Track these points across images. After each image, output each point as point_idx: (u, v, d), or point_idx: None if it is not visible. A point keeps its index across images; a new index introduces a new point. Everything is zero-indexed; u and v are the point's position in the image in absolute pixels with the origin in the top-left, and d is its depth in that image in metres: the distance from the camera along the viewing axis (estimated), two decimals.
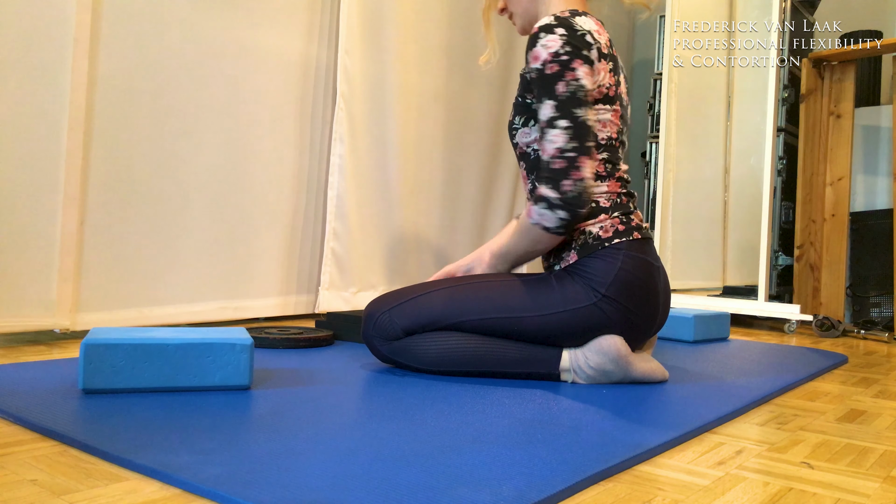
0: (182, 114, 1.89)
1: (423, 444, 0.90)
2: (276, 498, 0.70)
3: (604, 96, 1.37)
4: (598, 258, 1.33)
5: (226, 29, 1.98)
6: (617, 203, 1.38)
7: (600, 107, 1.37)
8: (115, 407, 1.03)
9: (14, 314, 1.58)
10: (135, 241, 1.80)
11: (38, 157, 1.61)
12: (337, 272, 2.28)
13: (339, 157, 2.26)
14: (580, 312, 1.32)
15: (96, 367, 1.09)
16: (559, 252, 1.39)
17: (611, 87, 1.38)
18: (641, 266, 1.35)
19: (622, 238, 1.35)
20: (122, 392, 1.11)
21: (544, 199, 1.30)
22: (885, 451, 1.01)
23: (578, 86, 1.30)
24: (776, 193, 2.70)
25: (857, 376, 1.64)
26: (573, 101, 1.30)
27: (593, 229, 1.36)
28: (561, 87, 1.30)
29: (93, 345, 1.09)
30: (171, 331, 1.21)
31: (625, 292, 1.32)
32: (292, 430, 0.94)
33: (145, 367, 1.11)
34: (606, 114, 1.38)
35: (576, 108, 1.30)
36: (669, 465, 0.91)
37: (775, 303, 2.59)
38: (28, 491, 0.73)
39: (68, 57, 1.64)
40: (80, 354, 1.08)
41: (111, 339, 1.10)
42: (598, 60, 1.35)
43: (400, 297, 1.40)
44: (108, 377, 1.09)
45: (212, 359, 1.14)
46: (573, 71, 1.30)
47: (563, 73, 1.30)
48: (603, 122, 1.38)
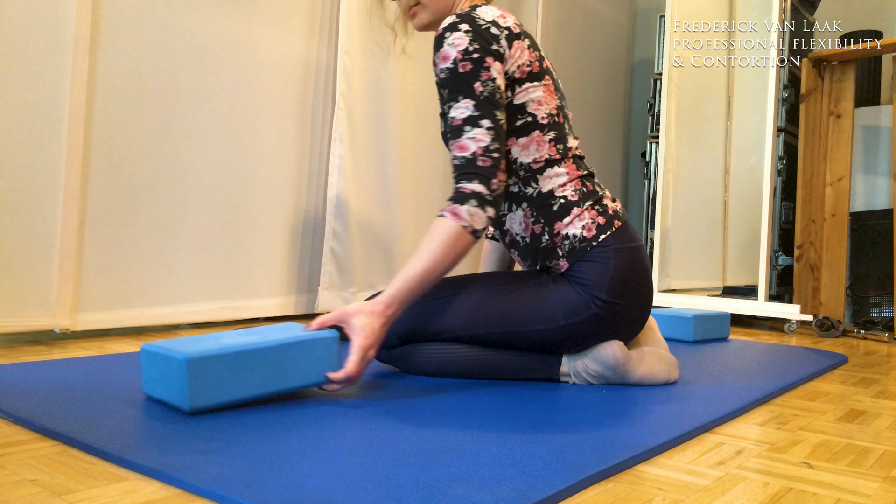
0: (182, 114, 1.89)
1: (423, 444, 0.90)
2: (276, 498, 0.70)
3: (528, 74, 1.32)
4: (590, 261, 1.30)
5: (225, 29, 1.98)
6: (584, 192, 1.34)
7: (528, 85, 1.32)
8: (114, 407, 1.03)
9: (14, 314, 1.58)
10: (135, 241, 1.80)
11: (38, 157, 1.61)
12: (336, 272, 2.28)
13: (338, 157, 2.26)
14: (581, 324, 1.30)
15: (203, 384, 0.99)
16: (548, 261, 1.34)
17: (532, 63, 1.33)
18: (633, 258, 1.32)
19: (606, 232, 1.31)
20: (229, 407, 1.03)
21: (476, 195, 1.20)
22: (885, 451, 1.01)
23: (495, 87, 1.26)
24: (776, 193, 2.70)
25: (857, 376, 1.64)
26: (491, 102, 1.25)
27: (575, 231, 1.31)
28: (478, 87, 1.25)
29: (197, 359, 0.98)
30: (236, 334, 1.12)
31: (623, 292, 1.30)
32: (292, 430, 0.94)
33: (249, 376, 1.03)
34: (537, 90, 1.33)
35: (495, 111, 1.25)
36: (669, 465, 0.91)
37: (775, 303, 2.59)
38: (28, 491, 0.72)
39: (68, 57, 1.64)
40: (178, 372, 0.98)
41: (210, 350, 1.00)
42: (510, 46, 1.30)
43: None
44: (216, 392, 1.00)
45: (306, 357, 1.09)
46: (487, 70, 1.26)
47: (477, 71, 1.25)
48: (538, 99, 1.33)
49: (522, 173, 1.34)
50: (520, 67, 1.31)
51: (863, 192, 2.82)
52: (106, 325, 1.75)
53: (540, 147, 1.33)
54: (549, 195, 1.33)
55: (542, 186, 1.33)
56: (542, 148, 1.34)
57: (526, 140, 1.33)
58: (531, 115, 1.33)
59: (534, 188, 1.34)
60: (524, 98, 1.32)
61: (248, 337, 1.08)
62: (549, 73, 1.37)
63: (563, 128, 1.37)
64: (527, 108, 1.33)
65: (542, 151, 1.34)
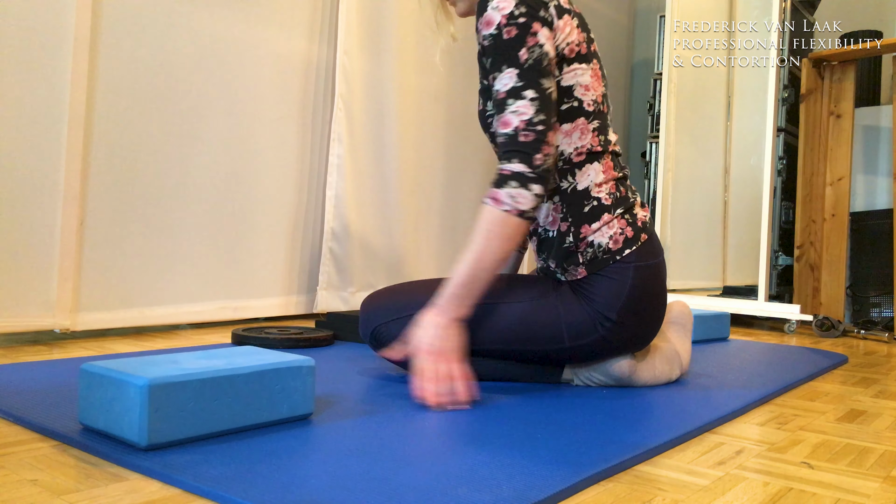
0: (182, 114, 1.89)
1: (423, 444, 0.90)
2: (276, 498, 0.70)
3: (576, 55, 1.23)
4: (608, 277, 1.23)
5: (225, 29, 1.98)
6: (618, 197, 1.27)
7: (576, 66, 1.23)
8: None
9: (14, 314, 1.58)
10: (135, 241, 1.80)
11: (38, 157, 1.61)
12: (335, 272, 2.28)
13: (337, 157, 2.26)
14: (586, 345, 1.26)
15: (164, 415, 0.83)
16: (566, 263, 1.27)
17: (581, 43, 1.24)
18: (651, 275, 1.26)
19: (632, 247, 1.25)
20: (188, 443, 0.87)
21: (516, 175, 1.13)
22: (885, 451, 1.01)
23: (542, 52, 1.17)
24: (776, 193, 2.70)
25: (857, 376, 1.64)
26: (537, 70, 1.16)
27: (602, 240, 1.24)
28: (523, 54, 1.16)
29: (159, 386, 0.83)
30: (194, 356, 0.97)
31: (635, 311, 1.24)
32: (292, 431, 0.94)
33: (216, 407, 0.89)
34: (585, 74, 1.24)
35: (541, 79, 1.16)
36: (669, 465, 0.91)
37: (775, 303, 2.59)
38: (28, 491, 0.72)
39: (68, 57, 1.64)
40: (134, 401, 0.82)
41: (172, 376, 0.85)
42: (560, 17, 1.21)
43: (399, 307, 1.29)
44: (177, 425, 0.85)
45: (280, 387, 0.95)
46: (534, 35, 1.16)
47: (523, 37, 1.16)
48: (585, 84, 1.24)
49: (561, 164, 1.26)
50: (569, 45, 1.22)
51: (863, 192, 2.82)
52: (106, 325, 1.75)
53: (583, 135, 1.26)
54: (584, 194, 1.26)
55: (578, 182, 1.26)
56: (586, 136, 1.26)
57: (570, 126, 1.25)
58: (577, 100, 1.25)
59: (569, 183, 1.26)
60: (572, 80, 1.24)
61: (210, 361, 0.94)
62: (596, 58, 1.28)
63: (606, 118, 1.30)
64: (573, 91, 1.24)
65: (584, 140, 1.26)
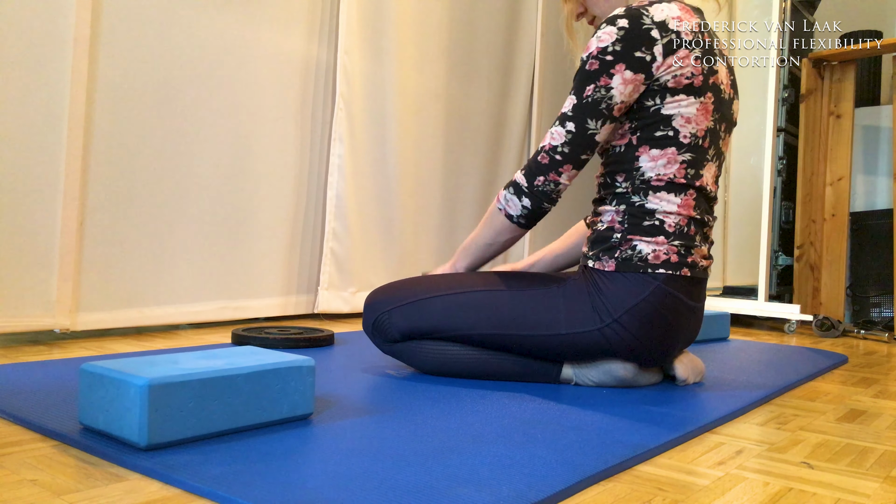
0: (182, 114, 1.89)
1: (423, 444, 0.90)
2: (276, 498, 0.70)
3: (685, 87, 1.23)
4: (629, 280, 1.24)
5: (225, 29, 1.98)
6: (682, 231, 1.26)
7: (682, 98, 1.23)
8: None
9: (14, 314, 1.58)
10: (135, 241, 1.80)
11: (38, 157, 1.61)
12: (336, 272, 2.28)
13: (338, 157, 2.26)
14: (582, 336, 1.27)
15: (164, 415, 0.84)
16: (602, 251, 1.27)
17: (696, 76, 1.23)
18: (671, 304, 1.25)
19: (668, 270, 1.24)
20: (188, 443, 0.87)
21: (515, 184, 1.29)
22: (885, 451, 1.01)
23: (606, 95, 1.22)
24: (776, 193, 2.70)
25: (857, 376, 1.64)
26: (591, 109, 1.22)
27: (646, 248, 1.24)
28: (589, 90, 1.23)
29: (159, 385, 0.83)
30: (194, 356, 0.98)
31: (639, 324, 1.24)
32: (292, 431, 0.94)
33: (216, 407, 0.89)
34: (691, 107, 1.24)
35: (590, 118, 1.23)
36: (669, 465, 0.91)
37: (775, 303, 2.59)
38: (28, 491, 0.72)
39: (68, 57, 1.64)
40: (134, 401, 0.82)
41: (173, 376, 0.85)
42: (673, 51, 1.22)
43: (401, 295, 1.35)
44: (178, 425, 0.85)
45: (280, 386, 0.96)
46: (609, 77, 1.21)
47: (599, 75, 1.22)
48: (688, 116, 1.24)
49: (638, 183, 1.27)
50: (676, 78, 1.23)
51: (863, 192, 2.82)
52: (106, 325, 1.75)
53: (669, 164, 1.25)
54: (650, 213, 1.26)
55: (647, 202, 1.26)
56: (671, 167, 1.25)
57: (659, 153, 1.25)
58: (674, 130, 1.25)
59: (640, 199, 1.27)
60: (674, 110, 1.24)
61: (210, 361, 0.94)
62: (713, 90, 1.27)
63: (706, 154, 1.28)
64: (672, 121, 1.24)
65: (669, 169, 1.25)
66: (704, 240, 1.31)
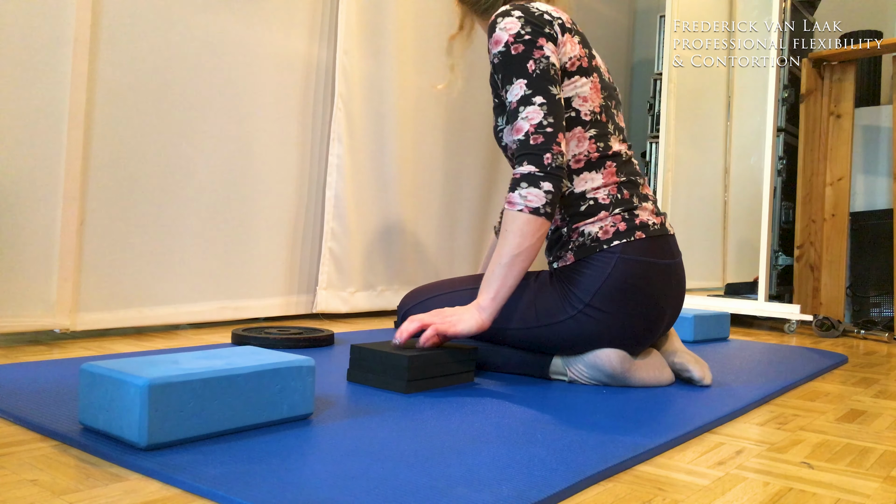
0: (182, 114, 1.89)
1: (423, 445, 0.90)
2: (276, 498, 0.70)
3: (577, 68, 1.32)
4: (591, 263, 1.28)
5: (225, 29, 1.98)
6: (618, 199, 1.31)
7: (577, 79, 1.32)
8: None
9: (14, 314, 1.58)
10: (135, 241, 1.80)
11: (38, 157, 1.61)
12: (335, 272, 2.28)
13: (337, 157, 2.26)
14: (558, 327, 1.29)
15: (164, 415, 0.84)
16: (559, 251, 1.34)
17: (582, 58, 1.33)
18: (639, 271, 1.27)
19: (621, 239, 1.28)
20: (188, 443, 0.87)
21: (526, 176, 1.22)
22: (885, 451, 1.01)
23: (549, 63, 1.27)
24: (776, 193, 2.70)
25: (857, 376, 1.64)
26: (545, 78, 1.26)
27: (592, 229, 1.30)
28: (531, 65, 1.26)
29: (159, 385, 0.83)
30: (194, 356, 0.98)
31: (615, 300, 1.26)
32: (292, 431, 0.94)
33: (216, 407, 0.89)
34: (584, 86, 1.33)
35: (549, 86, 1.26)
36: (669, 465, 0.91)
37: (775, 303, 2.59)
38: (28, 491, 0.72)
39: (68, 57, 1.64)
40: (134, 401, 0.83)
41: (173, 376, 0.85)
42: (562, 35, 1.31)
43: (430, 290, 1.44)
44: (178, 425, 0.85)
45: (280, 387, 0.96)
46: (540, 49, 1.27)
47: (530, 51, 1.26)
48: (583, 95, 1.32)
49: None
50: (570, 59, 1.31)
51: (863, 192, 2.82)
52: (106, 325, 1.75)
53: (580, 143, 1.32)
54: (580, 196, 1.32)
55: (575, 187, 1.32)
56: (582, 144, 1.32)
57: (568, 135, 1.32)
58: (575, 111, 1.32)
59: (568, 188, 1.33)
60: (571, 92, 1.32)
61: (210, 361, 0.94)
62: (597, 72, 1.36)
63: (607, 127, 1.35)
64: (572, 102, 1.32)
65: (581, 148, 1.32)
66: (644, 199, 1.35)
